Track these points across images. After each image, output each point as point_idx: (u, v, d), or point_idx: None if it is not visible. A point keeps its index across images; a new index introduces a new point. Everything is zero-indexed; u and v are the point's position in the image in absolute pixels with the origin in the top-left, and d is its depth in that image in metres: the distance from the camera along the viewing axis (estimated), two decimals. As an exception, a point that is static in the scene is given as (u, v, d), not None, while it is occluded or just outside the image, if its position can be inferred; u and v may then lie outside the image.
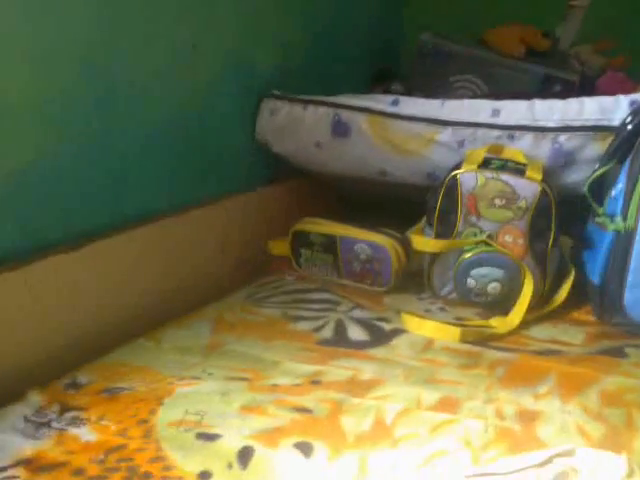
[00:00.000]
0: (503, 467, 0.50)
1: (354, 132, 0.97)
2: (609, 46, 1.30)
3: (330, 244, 0.90)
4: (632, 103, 0.85)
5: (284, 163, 1.06)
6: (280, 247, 0.95)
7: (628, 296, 0.74)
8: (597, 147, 0.85)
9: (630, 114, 0.81)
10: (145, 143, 0.80)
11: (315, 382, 0.65)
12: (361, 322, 0.80)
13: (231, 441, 0.54)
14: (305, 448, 0.54)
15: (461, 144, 0.90)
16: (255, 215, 0.98)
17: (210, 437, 0.54)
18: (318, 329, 0.78)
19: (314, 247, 0.91)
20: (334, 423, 0.57)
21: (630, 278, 0.74)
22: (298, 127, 1.01)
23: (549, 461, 0.50)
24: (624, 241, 0.74)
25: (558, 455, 0.51)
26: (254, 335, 0.75)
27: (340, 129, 0.98)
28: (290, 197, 1.07)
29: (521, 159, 0.85)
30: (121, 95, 0.75)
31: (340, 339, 0.75)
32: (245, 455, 0.52)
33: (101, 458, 0.51)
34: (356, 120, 0.97)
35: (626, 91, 0.90)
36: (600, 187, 0.80)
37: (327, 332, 0.77)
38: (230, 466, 0.51)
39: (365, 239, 0.88)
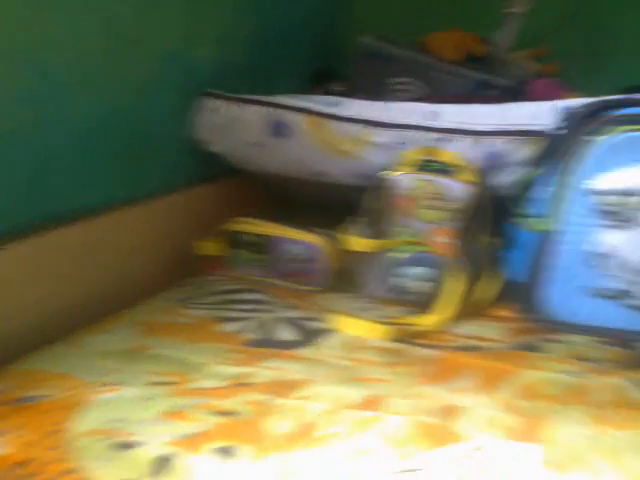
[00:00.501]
0: (424, 462, 0.51)
1: (293, 132, 0.96)
2: (543, 53, 1.34)
3: (263, 244, 0.89)
4: (562, 108, 0.87)
5: (219, 162, 1.04)
6: (211, 247, 0.93)
7: (552, 294, 0.76)
8: (529, 151, 0.87)
9: (562, 119, 0.83)
10: (76, 141, 0.77)
11: (241, 384, 0.63)
12: (292, 322, 0.79)
13: (150, 448, 0.52)
14: (227, 452, 0.52)
15: (398, 146, 0.91)
16: (186, 214, 0.96)
17: (129, 445, 0.52)
18: (247, 330, 0.76)
19: (247, 247, 0.90)
20: (258, 425, 0.56)
21: (555, 276, 0.76)
22: (236, 126, 1.00)
23: (468, 454, 0.51)
24: (550, 241, 0.76)
25: (477, 448, 0.51)
26: (180, 338, 0.73)
27: (279, 129, 0.97)
28: (224, 197, 1.06)
29: (456, 161, 0.86)
30: (52, 91, 0.72)
31: (269, 340, 0.74)
32: (164, 462, 0.51)
33: (9, 473, 0.48)
34: (295, 120, 0.96)
35: (560, 97, 0.93)
36: (531, 189, 0.82)
37: (256, 333, 0.76)
38: (148, 474, 0.49)
39: (299, 239, 0.87)
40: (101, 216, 0.80)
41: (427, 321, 0.79)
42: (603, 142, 0.73)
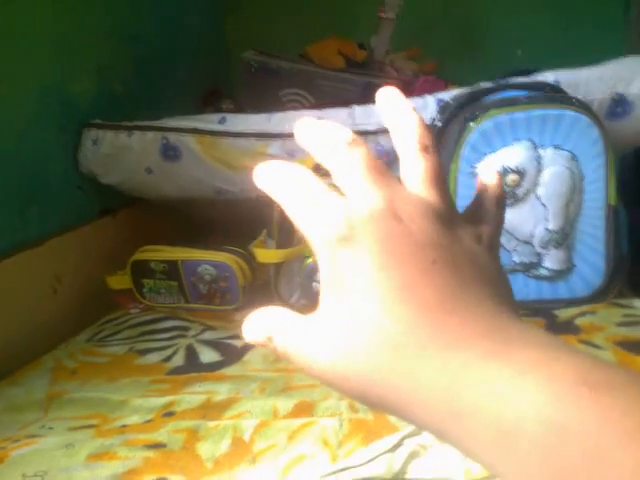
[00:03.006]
0: (359, 459, 0.51)
1: (184, 154, 0.95)
2: (419, 53, 1.41)
3: (172, 270, 0.87)
4: (439, 101, 0.93)
5: (116, 192, 1.01)
6: (120, 281, 0.90)
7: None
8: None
9: (437, 111, 0.88)
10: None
11: (168, 414, 0.62)
12: (212, 343, 0.78)
13: (79, 495, 0.50)
14: (161, 485, 0.51)
15: (291, 154, 0.92)
16: (91, 250, 0.93)
17: (55, 496, 0.50)
18: (168, 359, 0.75)
19: (156, 275, 0.88)
20: (191, 452, 0.55)
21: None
22: (125, 155, 0.97)
23: (400, 444, 0.52)
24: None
25: (407, 436, 0.53)
26: (98, 378, 0.70)
27: (170, 152, 0.96)
28: (129, 226, 1.03)
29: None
30: None
31: (192, 365, 0.73)
32: (96, 507, 0.48)
33: None
34: (185, 142, 0.95)
35: (439, 91, 0.98)
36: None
37: (178, 360, 0.74)
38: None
39: (208, 259, 0.86)
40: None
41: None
42: (475, 128, 0.78)
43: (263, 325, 0.26)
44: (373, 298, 0.23)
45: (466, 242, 0.25)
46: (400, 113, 0.28)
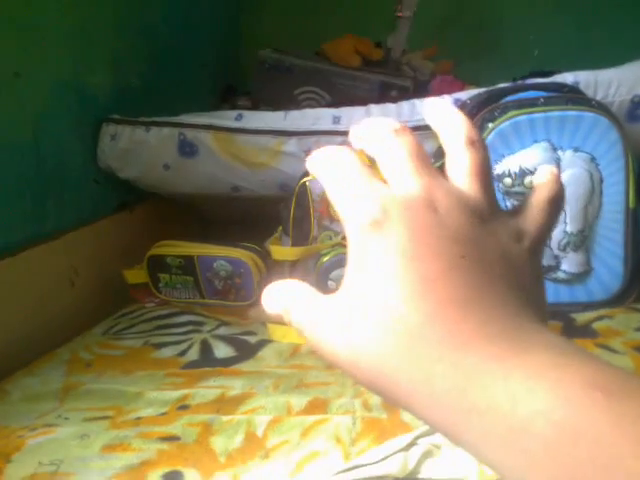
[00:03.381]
0: (372, 457, 0.51)
1: (201, 150, 0.96)
2: (435, 52, 1.41)
3: (188, 265, 0.88)
4: (456, 101, 0.92)
5: (133, 187, 1.02)
6: (137, 275, 0.91)
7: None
8: (431, 144, 0.91)
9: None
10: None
11: (182, 407, 0.62)
12: (227, 339, 0.78)
13: (94, 485, 0.50)
14: (174, 477, 0.51)
15: (307, 152, 0.92)
16: (108, 244, 0.94)
17: (70, 485, 0.50)
18: (183, 353, 0.75)
19: (172, 270, 0.88)
20: (204, 446, 0.56)
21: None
22: (143, 150, 0.98)
23: (413, 443, 0.52)
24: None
25: (421, 435, 0.53)
26: (114, 370, 0.71)
27: (186, 148, 0.96)
28: (146, 221, 1.03)
29: (365, 160, 0.88)
30: None
31: (206, 359, 0.73)
32: (109, 497, 0.49)
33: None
34: (202, 138, 0.96)
35: (455, 92, 0.97)
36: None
37: (192, 354, 0.75)
38: (92, 512, 0.47)
39: (223, 255, 0.86)
40: (16, 257, 0.76)
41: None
42: (494, 129, 0.78)
43: (282, 297, 0.26)
44: (395, 285, 0.22)
45: (503, 240, 0.25)
46: (447, 112, 0.28)
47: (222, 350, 0.75)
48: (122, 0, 1.06)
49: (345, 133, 0.93)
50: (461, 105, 0.88)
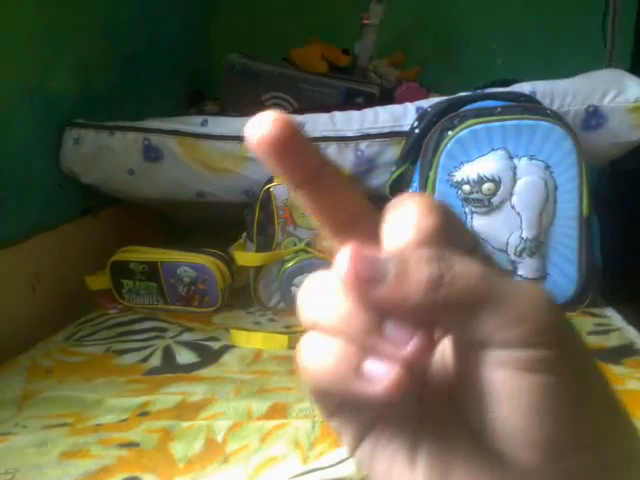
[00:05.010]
0: (329, 460, 0.52)
1: (166, 155, 0.96)
2: (401, 59, 1.43)
3: (152, 271, 0.87)
4: (418, 109, 0.94)
5: (100, 192, 1.02)
6: (100, 281, 0.90)
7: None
8: (394, 151, 0.92)
9: (416, 119, 0.90)
10: None
11: (143, 414, 0.62)
12: (190, 345, 0.79)
13: (51, 493, 0.50)
14: (133, 484, 0.52)
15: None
16: (70, 249, 0.93)
17: (24, 494, 0.50)
18: (145, 359, 0.75)
19: (135, 276, 0.88)
20: (163, 452, 0.56)
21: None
22: (107, 155, 0.98)
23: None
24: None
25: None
26: (74, 377, 0.71)
27: (151, 153, 0.96)
28: (109, 226, 1.03)
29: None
30: None
31: (169, 365, 0.73)
32: (67, 504, 0.49)
33: None
34: (166, 143, 0.96)
35: (420, 99, 0.99)
36: (399, 187, 0.87)
37: (155, 361, 0.75)
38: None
39: (187, 261, 0.87)
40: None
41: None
42: (453, 137, 0.80)
43: None
44: None
45: None
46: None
47: (185, 356, 0.76)
48: (89, 4, 1.06)
49: (311, 138, 0.95)
50: (423, 113, 0.90)
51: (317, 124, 0.95)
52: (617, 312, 0.84)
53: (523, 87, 0.92)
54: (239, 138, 0.94)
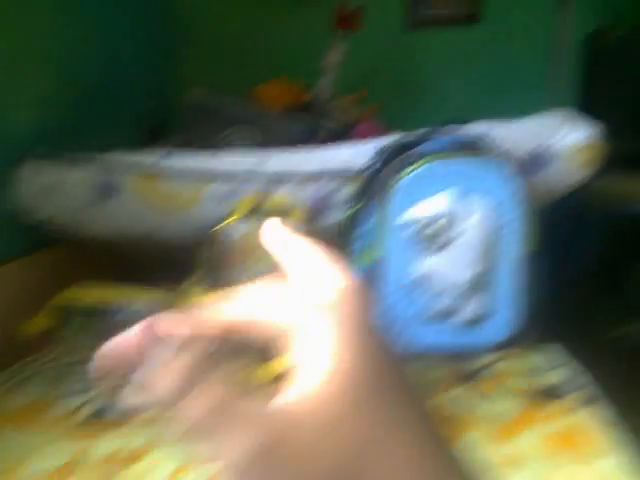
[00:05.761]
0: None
1: (121, 191, 0.95)
2: (361, 98, 1.46)
3: (99, 310, 0.85)
4: (375, 147, 0.95)
5: (48, 230, 0.99)
6: (43, 323, 0.87)
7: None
8: (350, 189, 0.93)
9: (373, 157, 0.91)
10: None
11: (78, 462, 0.60)
12: (136, 387, 0.76)
13: None
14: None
15: (229, 195, 0.93)
16: (14, 288, 0.90)
17: None
18: (85, 404, 0.72)
19: (82, 317, 0.86)
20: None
21: (385, 303, 0.82)
22: (62, 189, 0.96)
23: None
24: (376, 271, 0.82)
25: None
26: (7, 426, 0.67)
27: (107, 189, 0.95)
28: (56, 265, 1.00)
29: (286, 204, 0.90)
30: None
31: (110, 410, 0.71)
32: None
33: None
34: (124, 178, 0.95)
35: (378, 137, 1.01)
36: (353, 225, 0.88)
37: (95, 406, 0.72)
38: None
39: (137, 300, 0.85)
40: None
41: (279, 366, 0.80)
42: (408, 175, 0.81)
43: None
44: None
45: None
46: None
47: (129, 399, 0.73)
48: (46, 36, 1.05)
49: (269, 175, 0.95)
50: (379, 151, 0.91)
51: (279, 160, 0.95)
52: (560, 349, 0.85)
53: (475, 128, 0.94)
54: (197, 174, 0.94)
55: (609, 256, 1.27)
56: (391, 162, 0.85)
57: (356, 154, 0.96)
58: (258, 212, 0.88)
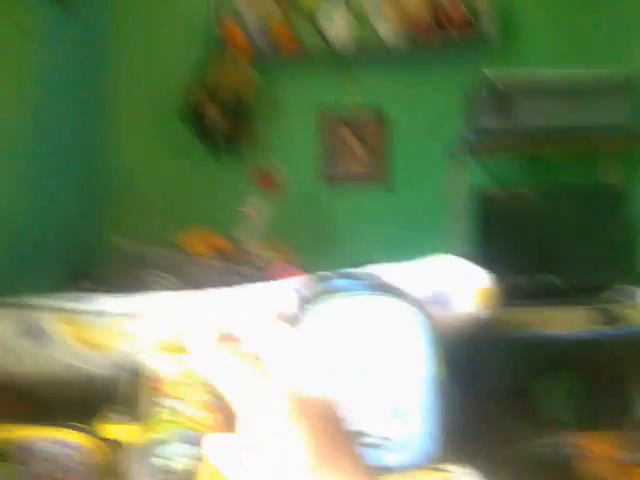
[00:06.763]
0: None
1: (45, 333, 0.96)
2: (279, 244, 1.57)
3: (12, 451, 0.83)
4: (291, 288, 1.04)
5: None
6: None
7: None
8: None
9: (288, 296, 0.99)
10: None
11: None
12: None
13: None
14: None
15: (150, 333, 0.97)
16: None
17: None
18: None
19: (-10, 456, 0.83)
20: None
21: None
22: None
23: None
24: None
25: None
26: None
27: (30, 331, 0.97)
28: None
29: (203, 340, 0.94)
30: None
31: None
32: None
33: None
34: (47, 320, 0.97)
35: (293, 278, 1.09)
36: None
37: None
38: None
39: (49, 437, 0.83)
40: None
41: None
42: (313, 311, 0.89)
43: None
44: None
45: None
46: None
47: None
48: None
49: (187, 315, 1.00)
50: (293, 291, 0.99)
51: (194, 302, 1.01)
52: (473, 470, 0.89)
53: (379, 269, 1.05)
54: (119, 315, 0.98)
55: (516, 378, 1.37)
56: (303, 301, 0.93)
57: (272, 296, 1.03)
58: (176, 348, 0.92)
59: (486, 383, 1.35)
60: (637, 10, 1.70)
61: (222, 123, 1.83)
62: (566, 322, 1.34)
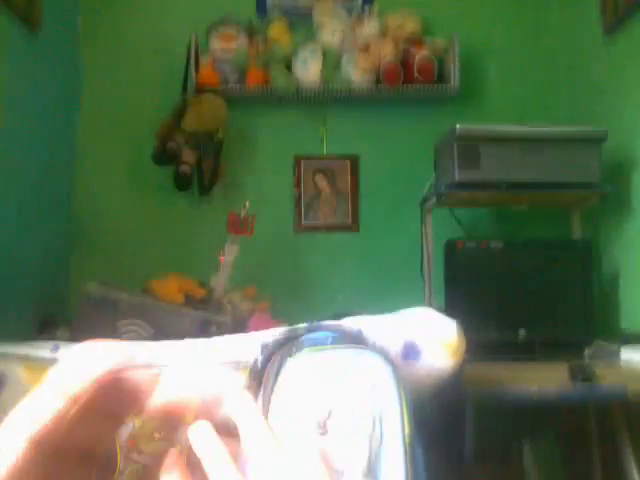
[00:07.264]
0: None
1: (10, 381, 0.94)
2: (254, 292, 1.57)
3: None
4: (264, 339, 1.03)
5: None
6: None
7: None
8: (241, 379, 0.98)
9: (259, 349, 0.98)
10: None
11: None
12: None
13: None
14: None
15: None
16: None
17: None
18: None
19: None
20: None
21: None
22: (-56, 381, 0.94)
23: None
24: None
25: None
26: None
27: (-6, 379, 0.94)
28: None
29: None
30: None
31: None
32: None
33: None
34: (12, 369, 0.95)
35: (269, 328, 1.09)
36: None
37: None
38: None
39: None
40: None
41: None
42: (292, 363, 0.89)
43: None
44: None
45: None
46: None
47: None
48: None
49: (158, 366, 0.99)
50: (264, 345, 0.99)
51: (170, 350, 1.00)
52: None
53: (353, 321, 1.06)
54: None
55: (498, 436, 1.37)
56: (274, 354, 0.93)
57: (246, 345, 1.03)
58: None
59: (458, 443, 1.35)
60: (601, 71, 1.79)
61: (196, 166, 1.83)
62: (538, 379, 1.35)
